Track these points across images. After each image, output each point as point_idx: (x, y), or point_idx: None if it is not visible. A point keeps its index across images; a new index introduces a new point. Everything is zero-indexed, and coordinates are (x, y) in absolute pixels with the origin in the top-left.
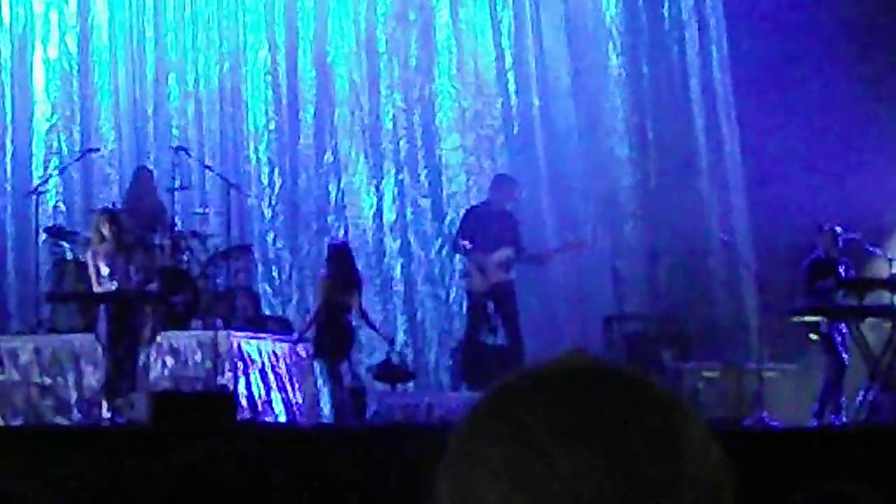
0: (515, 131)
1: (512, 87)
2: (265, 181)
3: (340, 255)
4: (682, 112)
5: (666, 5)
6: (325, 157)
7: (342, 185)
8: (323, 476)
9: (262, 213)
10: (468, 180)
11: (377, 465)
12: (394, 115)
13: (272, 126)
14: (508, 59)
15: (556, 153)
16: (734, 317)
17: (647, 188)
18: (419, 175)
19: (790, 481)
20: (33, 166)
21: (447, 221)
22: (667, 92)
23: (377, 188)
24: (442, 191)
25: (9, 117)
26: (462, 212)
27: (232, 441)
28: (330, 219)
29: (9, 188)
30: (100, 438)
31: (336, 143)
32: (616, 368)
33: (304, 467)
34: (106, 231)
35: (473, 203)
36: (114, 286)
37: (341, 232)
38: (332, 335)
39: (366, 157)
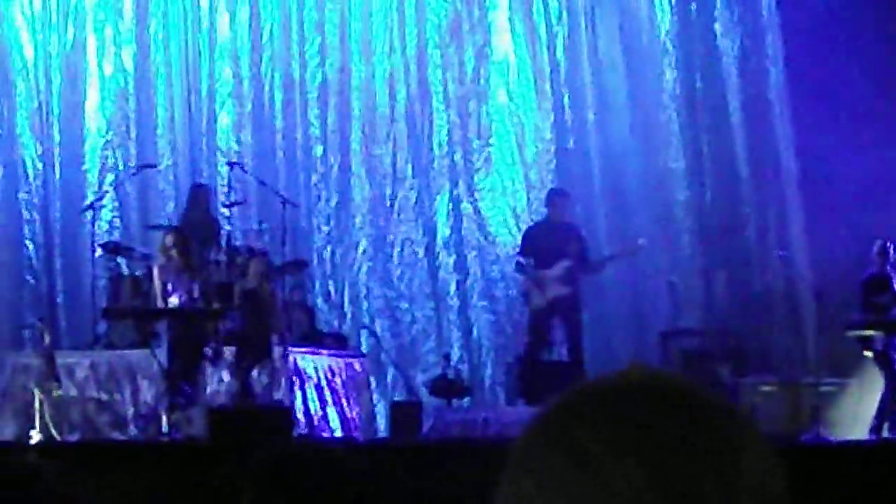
0: (571, 145)
1: (567, 101)
2: (320, 196)
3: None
4: (737, 126)
5: (719, 20)
6: (380, 173)
7: (397, 200)
8: (378, 491)
9: (317, 228)
10: (526, 195)
11: (433, 480)
12: (448, 130)
13: (325, 142)
14: (563, 74)
15: (612, 167)
16: (791, 332)
17: (702, 202)
18: (475, 191)
19: (847, 496)
20: (87, 182)
21: (504, 237)
22: (721, 106)
23: (431, 204)
24: (498, 206)
25: (59, 133)
26: (524, 228)
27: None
28: (384, 235)
29: (58, 204)
30: (157, 453)
31: (390, 159)
32: (674, 382)
33: (359, 482)
34: (172, 248)
35: (532, 219)
36: (177, 302)
37: (397, 249)
38: None
39: (421, 172)
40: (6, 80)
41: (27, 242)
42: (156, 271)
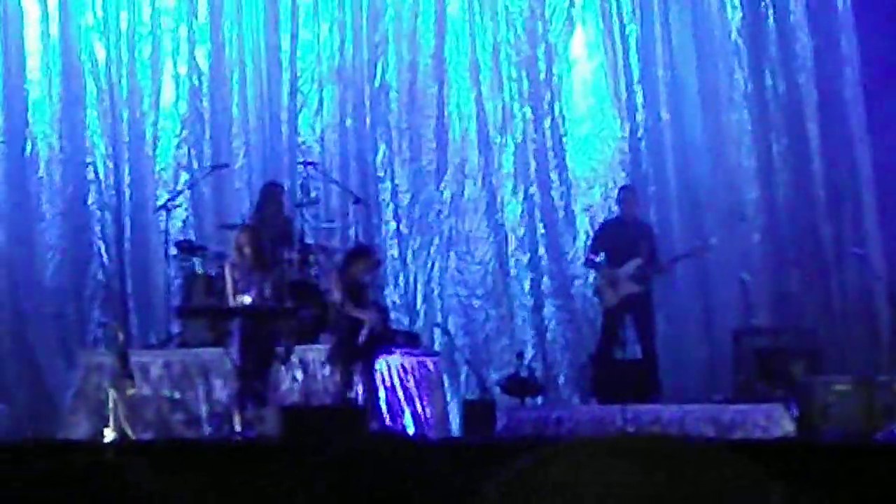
0: (644, 144)
1: (640, 100)
2: (391, 196)
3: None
4: (810, 125)
5: (792, 17)
6: (451, 172)
7: (470, 198)
8: (451, 490)
9: (389, 226)
10: (600, 194)
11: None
12: (523, 129)
13: (397, 139)
14: (636, 73)
15: (685, 166)
16: (866, 330)
17: (774, 201)
18: (549, 189)
19: None
20: (161, 182)
21: (577, 235)
22: (794, 104)
23: (505, 204)
24: (572, 204)
25: (132, 133)
26: (596, 226)
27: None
28: (456, 234)
29: (130, 204)
30: (230, 452)
31: (463, 157)
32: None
33: (433, 481)
34: (245, 246)
35: (604, 217)
36: (248, 301)
37: (470, 247)
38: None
39: (494, 170)
40: (77, 80)
41: (98, 241)
42: (227, 270)
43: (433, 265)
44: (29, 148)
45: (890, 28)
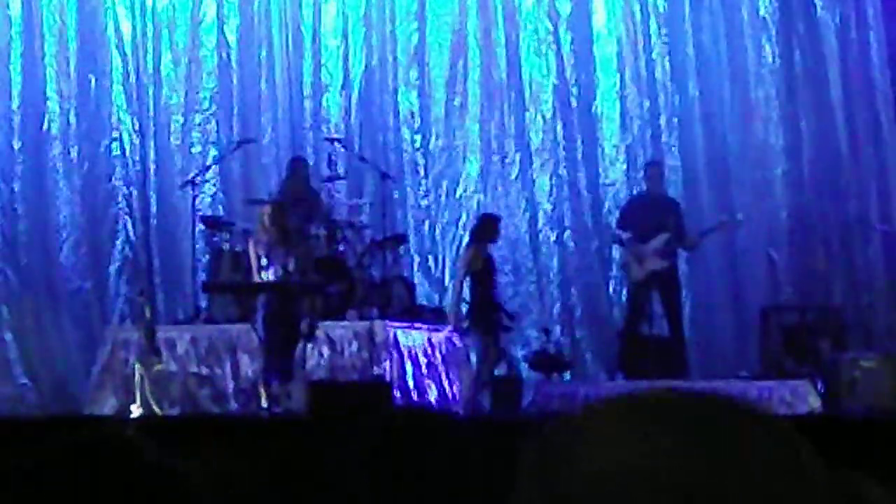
0: (675, 121)
1: (668, 77)
2: (420, 171)
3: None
4: (836, 101)
5: (816, 4)
6: (481, 147)
7: (498, 175)
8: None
9: (417, 202)
10: (626, 170)
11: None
12: (552, 103)
13: (425, 116)
14: (664, 48)
15: (713, 142)
16: (892, 306)
17: (801, 177)
18: (577, 165)
19: None
20: (189, 157)
21: (604, 212)
22: (821, 80)
23: (533, 179)
24: (600, 181)
25: (159, 108)
26: (623, 202)
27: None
28: (485, 210)
29: (156, 179)
30: (258, 428)
31: (492, 133)
32: (696, 400)
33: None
34: (268, 222)
35: (632, 192)
36: (272, 276)
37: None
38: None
39: (523, 146)
40: (104, 55)
41: (125, 217)
42: (251, 246)
43: (461, 241)
44: (49, 124)
45: None
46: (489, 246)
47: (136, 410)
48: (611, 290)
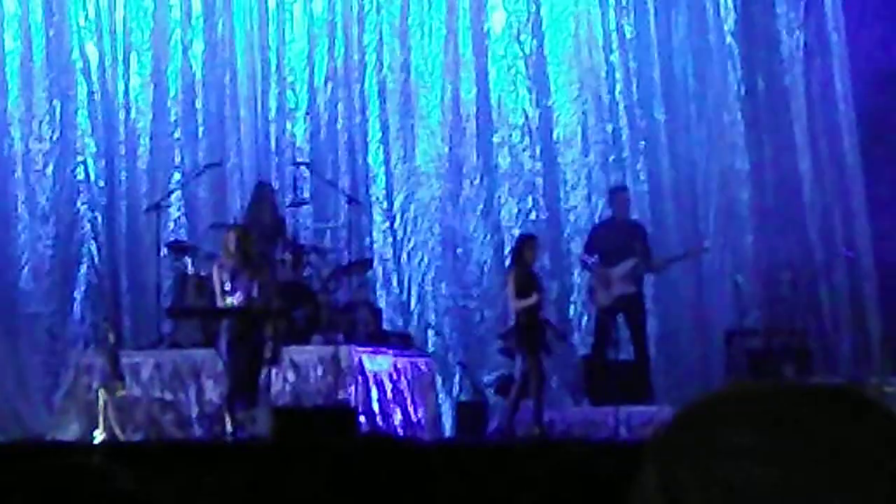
0: (641, 146)
1: (635, 102)
2: (385, 195)
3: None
4: (801, 127)
5: (781, 19)
6: (444, 171)
7: (461, 199)
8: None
9: (384, 227)
10: (588, 195)
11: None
12: (520, 126)
13: (390, 140)
14: (633, 72)
15: (680, 167)
16: (856, 332)
17: (765, 202)
18: (544, 189)
19: None
20: (154, 181)
21: (571, 236)
22: (785, 106)
23: (501, 203)
24: (566, 204)
25: (125, 132)
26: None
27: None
28: (452, 234)
29: (123, 203)
30: (222, 453)
31: (459, 157)
32: (833, 389)
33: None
34: (233, 246)
35: (598, 218)
36: (236, 301)
37: (465, 248)
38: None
39: (489, 170)
40: (69, 79)
41: (90, 241)
42: (215, 270)
43: (428, 266)
44: (10, 148)
45: (880, 26)
46: (531, 265)
47: (99, 436)
48: (573, 315)
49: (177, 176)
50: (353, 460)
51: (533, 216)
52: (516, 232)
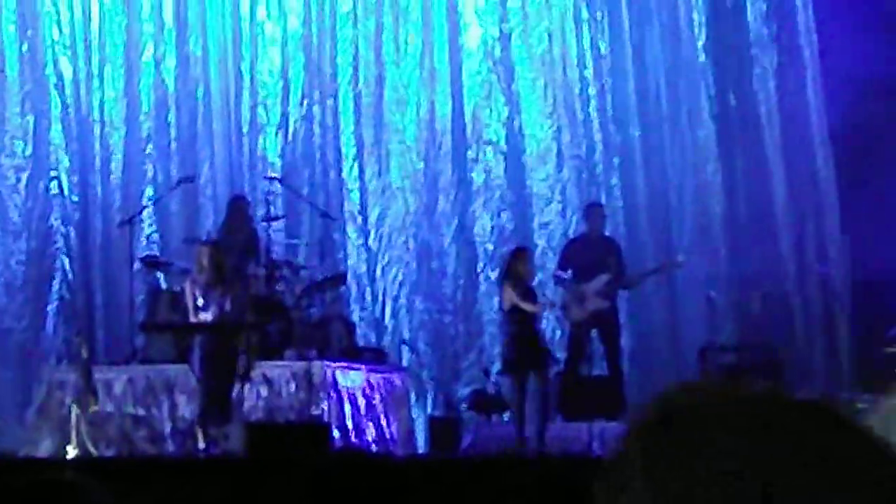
0: (615, 161)
1: (610, 118)
2: (360, 210)
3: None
4: (774, 142)
5: (754, 36)
6: (419, 186)
7: (435, 214)
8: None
9: (356, 242)
10: (563, 211)
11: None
12: (491, 143)
13: (364, 156)
14: (608, 88)
15: (654, 183)
16: (828, 347)
17: (739, 218)
18: (517, 204)
19: None
20: (127, 196)
21: (546, 251)
22: (757, 122)
23: (475, 217)
24: (539, 219)
25: (99, 146)
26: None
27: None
28: (427, 248)
29: (97, 218)
30: (194, 469)
31: (430, 172)
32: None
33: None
34: (206, 261)
35: (572, 233)
36: (209, 317)
37: (439, 263)
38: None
39: (464, 185)
40: (42, 94)
41: (63, 256)
42: (188, 285)
43: (402, 281)
44: None
45: (852, 44)
46: (526, 279)
47: (72, 451)
48: (548, 331)
49: (150, 191)
50: (327, 476)
51: (507, 232)
52: (490, 247)
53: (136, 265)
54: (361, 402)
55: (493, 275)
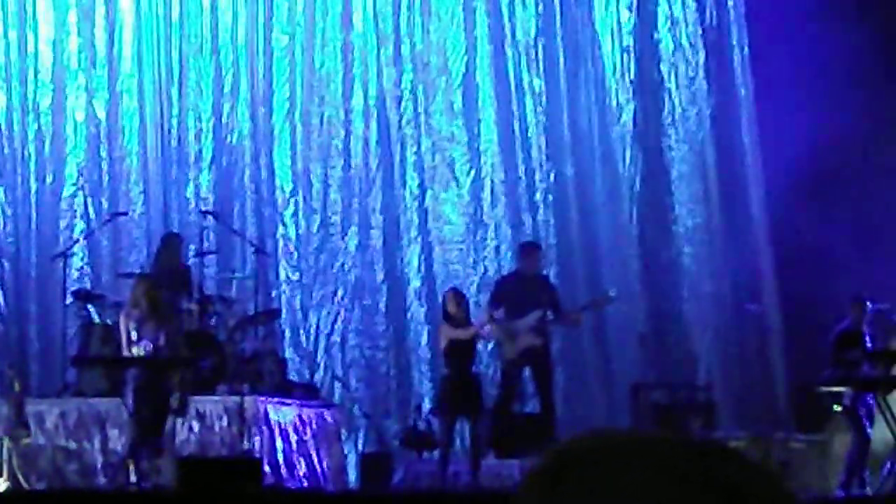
0: (549, 199)
1: (544, 155)
2: (294, 246)
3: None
4: (708, 177)
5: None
6: (352, 222)
7: (369, 253)
8: None
9: (289, 277)
10: (497, 248)
11: None
12: (420, 178)
13: (299, 191)
14: (542, 128)
15: (587, 220)
16: (762, 386)
17: (672, 257)
18: (444, 241)
19: None
20: (60, 230)
21: (472, 288)
22: (688, 162)
23: (403, 254)
24: (469, 256)
25: (34, 180)
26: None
27: None
28: (361, 285)
29: (32, 251)
30: (126, 503)
31: (363, 208)
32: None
33: None
34: (140, 295)
35: (503, 270)
36: (143, 350)
37: (371, 300)
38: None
39: (392, 223)
40: None
41: None
42: (122, 320)
43: (336, 316)
44: None
45: (787, 84)
46: (458, 321)
47: (3, 484)
48: (481, 367)
49: (81, 225)
50: None
51: (435, 268)
52: (417, 284)
53: (69, 298)
54: (293, 437)
55: (422, 312)
